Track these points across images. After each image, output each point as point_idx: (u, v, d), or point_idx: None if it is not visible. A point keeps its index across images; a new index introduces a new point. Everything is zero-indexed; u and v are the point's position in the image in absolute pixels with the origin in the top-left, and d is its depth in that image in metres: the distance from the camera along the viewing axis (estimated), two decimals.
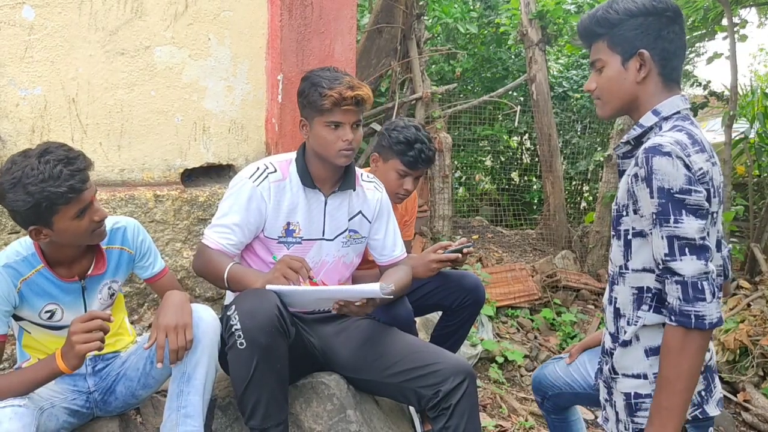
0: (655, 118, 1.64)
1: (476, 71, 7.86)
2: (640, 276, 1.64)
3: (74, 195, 1.68)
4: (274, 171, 2.17)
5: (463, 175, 8.25)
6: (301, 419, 2.19)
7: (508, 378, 4.09)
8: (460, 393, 2.04)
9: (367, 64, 5.49)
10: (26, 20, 2.40)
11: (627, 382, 1.69)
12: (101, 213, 1.79)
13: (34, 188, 1.63)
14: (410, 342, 2.22)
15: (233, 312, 1.90)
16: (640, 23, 1.62)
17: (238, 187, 2.14)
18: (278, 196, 2.14)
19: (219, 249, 2.11)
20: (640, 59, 1.63)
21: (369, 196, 2.32)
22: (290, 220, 2.16)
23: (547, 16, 6.24)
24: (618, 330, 1.72)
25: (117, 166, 2.66)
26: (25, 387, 1.71)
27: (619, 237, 1.69)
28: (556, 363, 2.25)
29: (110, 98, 2.60)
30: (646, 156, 1.52)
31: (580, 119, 7.55)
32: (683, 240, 1.49)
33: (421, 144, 2.50)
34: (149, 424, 2.19)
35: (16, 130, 2.44)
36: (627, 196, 1.63)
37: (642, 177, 1.53)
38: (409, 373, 2.10)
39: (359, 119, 2.11)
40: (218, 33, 2.81)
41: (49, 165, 1.65)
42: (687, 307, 1.49)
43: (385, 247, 2.36)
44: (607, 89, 1.70)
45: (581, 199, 8.13)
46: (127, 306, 2.66)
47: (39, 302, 1.85)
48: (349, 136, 2.07)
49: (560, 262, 5.75)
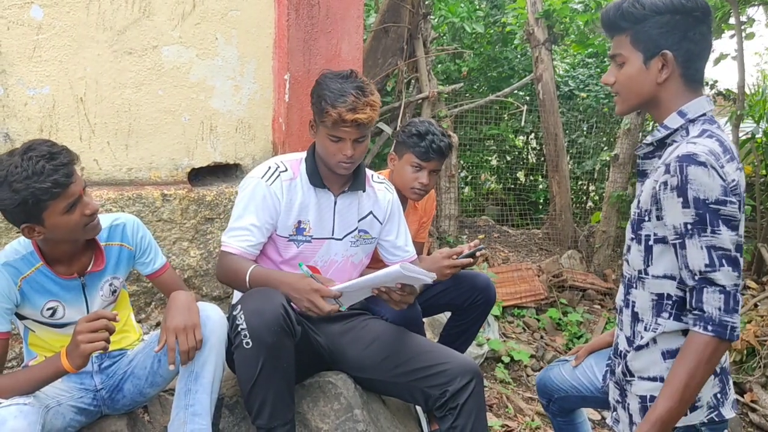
0: (681, 120, 1.60)
1: (482, 71, 7.84)
2: (661, 282, 1.62)
3: (59, 190, 1.68)
4: (285, 170, 2.16)
5: (469, 175, 8.23)
6: (308, 418, 2.19)
7: (515, 378, 4.09)
8: (467, 393, 2.04)
9: (374, 64, 5.49)
10: (35, 20, 2.41)
11: (643, 385, 1.67)
12: (92, 206, 1.79)
13: (19, 185, 1.64)
14: (418, 342, 2.22)
15: (239, 311, 1.90)
16: (666, 21, 1.56)
17: (251, 188, 2.13)
18: (290, 194, 2.14)
19: (239, 253, 2.09)
20: (663, 60, 1.58)
21: (380, 197, 2.32)
22: (301, 219, 2.16)
23: (553, 15, 6.22)
24: (635, 334, 1.70)
25: (125, 166, 2.67)
26: (31, 385, 1.72)
27: (639, 241, 1.65)
28: (562, 366, 2.22)
29: (118, 98, 2.61)
30: (680, 165, 1.48)
31: (587, 119, 7.53)
32: (720, 250, 1.47)
33: (433, 135, 2.52)
34: (157, 422, 2.19)
35: (25, 130, 2.45)
36: (651, 202, 1.59)
37: (674, 186, 1.49)
38: (416, 373, 2.11)
39: (363, 135, 2.06)
40: (225, 32, 2.81)
41: (32, 161, 1.65)
42: (727, 317, 1.47)
43: (397, 248, 2.36)
44: (626, 86, 1.66)
45: (587, 199, 8.11)
46: (134, 305, 2.67)
47: (40, 300, 1.85)
48: (348, 152, 2.05)
49: (566, 261, 5.74)
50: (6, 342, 1.80)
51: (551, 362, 4.22)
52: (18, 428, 1.58)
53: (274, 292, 1.94)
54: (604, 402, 2.02)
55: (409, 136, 2.54)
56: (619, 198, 5.76)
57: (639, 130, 5.89)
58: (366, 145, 2.12)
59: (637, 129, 5.83)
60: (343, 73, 2.08)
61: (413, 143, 2.52)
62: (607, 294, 5.46)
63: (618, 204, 5.83)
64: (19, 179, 1.63)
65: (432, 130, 2.54)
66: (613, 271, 5.81)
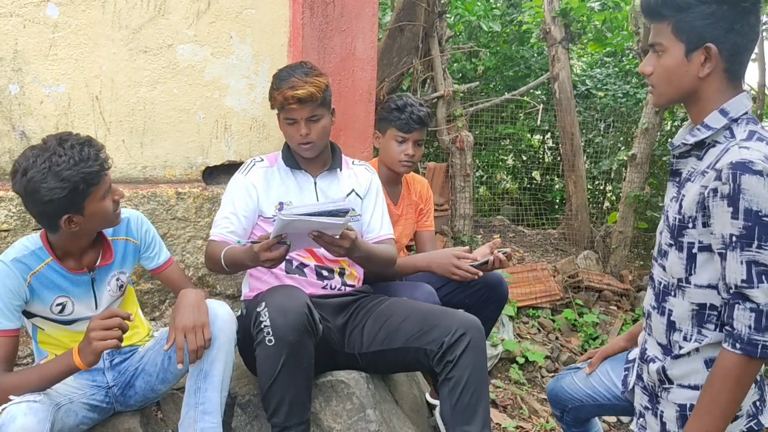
0: (724, 120, 1.50)
1: (498, 69, 7.80)
2: (705, 293, 1.54)
3: (105, 172, 1.77)
4: (261, 160, 2.33)
5: (485, 174, 8.19)
6: (320, 418, 2.18)
7: (529, 379, 4.05)
8: (463, 345, 2.04)
9: (389, 62, 5.47)
10: (50, 18, 2.43)
11: (682, 393, 1.60)
12: (119, 192, 1.88)
13: (69, 172, 1.68)
14: (413, 305, 2.25)
15: (263, 308, 1.91)
16: (712, 12, 1.45)
17: (231, 183, 2.29)
18: (267, 179, 2.27)
19: (221, 239, 2.19)
20: (706, 53, 1.48)
21: (360, 176, 2.40)
22: (282, 200, 2.25)
23: (570, 13, 6.16)
24: (671, 344, 1.63)
25: (140, 164, 2.67)
26: (43, 382, 1.72)
27: (681, 249, 1.56)
28: (574, 374, 2.12)
29: (133, 96, 2.62)
30: (733, 173, 1.39)
31: (604, 118, 7.45)
32: (762, 267, 1.40)
33: (411, 107, 2.59)
34: (170, 420, 2.20)
35: (41, 128, 2.46)
36: (697, 208, 1.50)
37: (724, 194, 1.41)
38: (415, 331, 2.12)
39: (314, 114, 2.16)
40: (240, 31, 2.82)
41: (75, 149, 1.71)
42: (757, 336, 1.41)
43: (369, 225, 2.37)
44: (664, 78, 1.56)
45: (604, 199, 8.03)
46: (148, 303, 2.68)
47: (49, 296, 1.85)
48: (302, 131, 2.17)
49: (582, 262, 5.69)
50: (16, 339, 1.80)
51: (566, 364, 4.20)
52: (27, 425, 1.58)
53: (298, 290, 1.99)
54: (623, 409, 1.96)
55: (389, 112, 2.62)
56: (636, 198, 5.69)
57: (657, 130, 5.81)
58: (323, 126, 2.21)
59: (655, 129, 5.75)
60: (294, 64, 2.27)
61: (394, 117, 2.60)
62: (624, 295, 5.40)
63: (635, 204, 5.76)
64: (68, 167, 1.68)
65: (410, 102, 2.61)
66: (630, 272, 5.75)
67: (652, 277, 1.70)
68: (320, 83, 2.16)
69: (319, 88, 2.14)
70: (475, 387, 2.04)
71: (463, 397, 2.03)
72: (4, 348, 1.76)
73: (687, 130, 1.62)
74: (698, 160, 1.56)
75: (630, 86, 7.30)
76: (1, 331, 1.76)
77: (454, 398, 2.04)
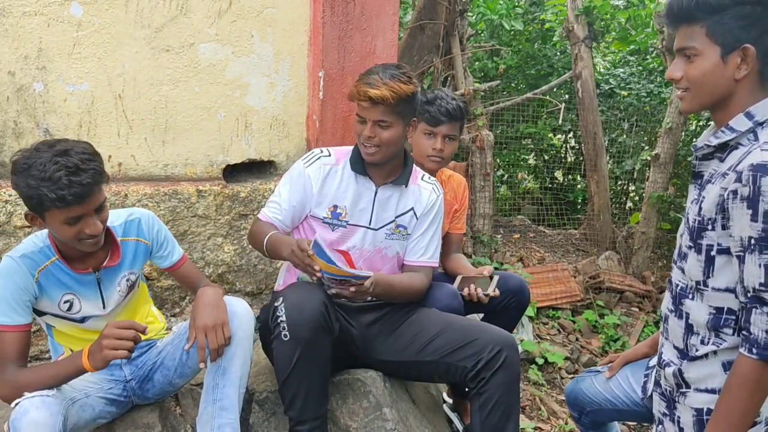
0: (749, 123, 1.48)
1: (520, 68, 7.74)
2: (723, 296, 1.52)
3: (62, 205, 1.65)
4: (328, 155, 2.25)
5: (506, 174, 8.14)
6: (336, 415, 2.19)
7: (548, 380, 4.03)
8: (498, 363, 2.03)
9: (409, 61, 5.46)
10: (74, 17, 2.46)
11: (699, 397, 1.58)
12: (95, 228, 1.74)
13: (32, 182, 1.64)
14: (450, 317, 2.21)
15: (281, 303, 1.94)
16: (748, 13, 1.43)
17: (291, 170, 2.26)
18: (327, 178, 2.21)
19: (267, 221, 2.20)
20: (743, 55, 1.45)
21: (424, 195, 2.30)
22: (337, 203, 2.20)
23: (594, 12, 6.10)
24: (688, 347, 1.61)
25: (161, 162, 2.70)
26: (55, 380, 1.74)
27: (699, 251, 1.54)
28: (594, 377, 2.10)
29: (155, 94, 2.64)
30: (753, 174, 1.37)
31: (627, 117, 7.36)
32: None
33: (441, 100, 2.52)
34: (188, 415, 2.21)
35: (64, 125, 2.50)
36: (717, 210, 1.48)
37: (744, 196, 1.39)
38: (448, 347, 2.11)
39: (384, 119, 2.08)
40: (261, 30, 2.83)
41: (55, 167, 1.63)
42: None
43: (414, 247, 2.30)
44: (698, 83, 1.52)
45: (627, 199, 7.93)
46: (169, 299, 2.71)
47: (57, 292, 1.86)
48: (367, 132, 2.10)
49: (604, 263, 5.63)
50: (28, 334, 1.81)
51: (586, 365, 4.16)
52: (39, 418, 1.60)
53: (316, 288, 1.99)
54: (641, 416, 1.94)
55: (420, 105, 2.50)
56: (659, 199, 5.62)
57: (681, 129, 5.74)
58: (391, 135, 2.11)
59: (679, 128, 5.68)
60: (389, 64, 2.19)
61: (423, 110, 2.51)
62: (646, 297, 5.34)
63: (658, 205, 5.69)
64: (36, 176, 1.63)
65: (440, 95, 2.54)
66: (652, 273, 5.68)
67: (671, 280, 1.69)
68: (399, 89, 2.05)
69: (395, 93, 2.04)
70: (506, 406, 2.05)
71: (492, 415, 2.03)
72: (17, 343, 1.77)
73: (711, 132, 1.60)
74: (720, 162, 1.55)
75: (654, 85, 7.20)
76: (13, 326, 1.77)
77: (484, 414, 2.04)
